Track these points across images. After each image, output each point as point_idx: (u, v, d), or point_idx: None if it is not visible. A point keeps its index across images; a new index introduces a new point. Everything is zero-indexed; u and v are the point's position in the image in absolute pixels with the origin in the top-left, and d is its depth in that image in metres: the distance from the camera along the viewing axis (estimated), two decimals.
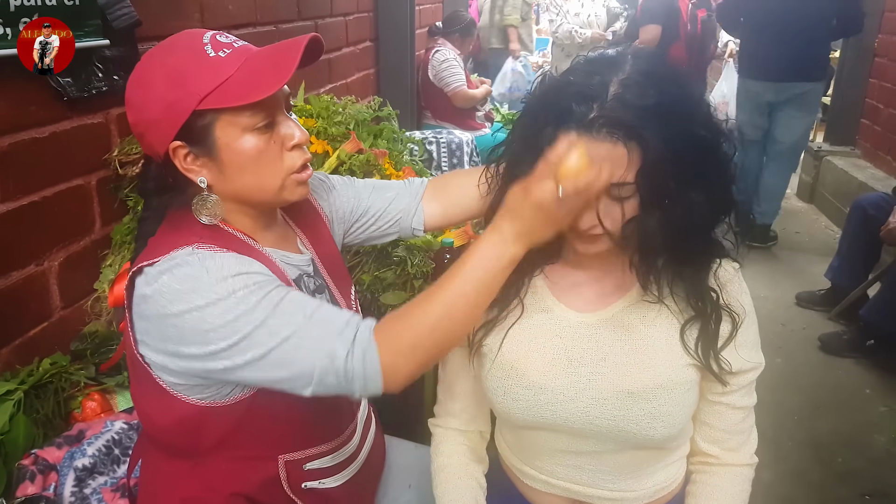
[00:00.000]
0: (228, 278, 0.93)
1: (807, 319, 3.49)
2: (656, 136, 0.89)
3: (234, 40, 1.01)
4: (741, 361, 1.05)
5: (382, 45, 3.87)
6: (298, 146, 1.04)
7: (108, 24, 1.58)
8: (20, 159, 1.44)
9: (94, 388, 1.52)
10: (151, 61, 0.99)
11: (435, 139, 3.66)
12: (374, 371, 0.93)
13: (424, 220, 1.30)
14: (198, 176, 1.00)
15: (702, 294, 1.02)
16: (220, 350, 0.92)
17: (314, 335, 0.93)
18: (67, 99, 1.53)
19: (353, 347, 0.93)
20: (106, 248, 1.72)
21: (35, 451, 1.30)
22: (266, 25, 2.50)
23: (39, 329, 1.54)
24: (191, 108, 0.95)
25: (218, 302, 0.91)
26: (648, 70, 0.93)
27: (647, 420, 1.02)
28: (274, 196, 1.04)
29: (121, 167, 1.68)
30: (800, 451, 2.53)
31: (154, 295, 0.93)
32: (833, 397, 2.87)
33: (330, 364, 0.92)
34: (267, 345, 0.91)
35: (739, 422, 1.11)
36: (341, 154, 1.97)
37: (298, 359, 0.92)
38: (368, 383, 0.93)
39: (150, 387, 1.01)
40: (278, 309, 0.93)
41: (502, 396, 1.08)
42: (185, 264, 0.93)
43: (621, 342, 1.05)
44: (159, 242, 1.00)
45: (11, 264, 1.45)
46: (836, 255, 3.50)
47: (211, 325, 0.91)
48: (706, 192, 0.94)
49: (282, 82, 0.96)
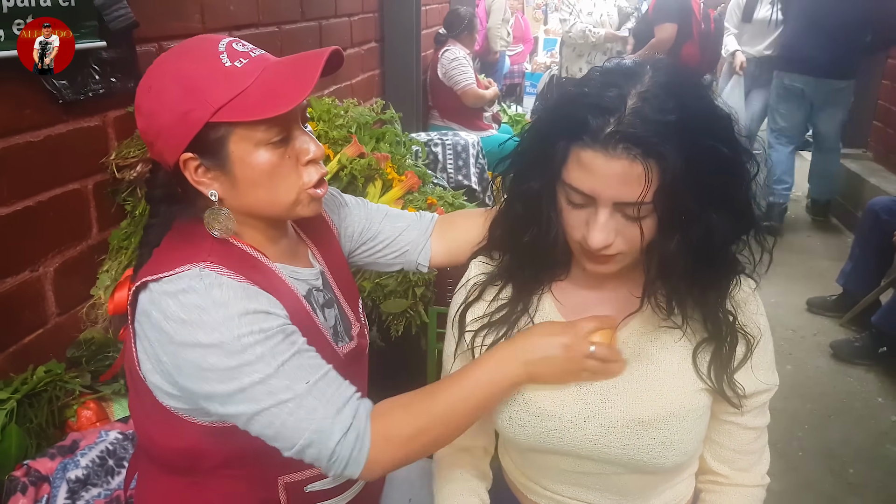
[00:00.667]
0: (235, 318, 0.89)
1: (818, 325, 3.44)
2: (677, 154, 0.83)
3: (251, 49, 0.97)
4: (756, 383, 1.01)
5: (388, 45, 3.84)
6: (314, 161, 1.00)
7: (105, 26, 1.56)
8: (14, 163, 1.41)
9: (90, 396, 1.50)
10: (164, 67, 0.95)
11: (440, 141, 3.62)
12: (359, 458, 0.92)
13: (430, 257, 1.28)
14: (209, 189, 0.97)
15: (718, 317, 0.97)
16: (215, 393, 0.89)
17: (311, 406, 0.90)
18: (63, 102, 1.50)
19: (348, 432, 0.91)
20: (103, 253, 1.69)
21: (27, 462, 1.27)
22: (269, 26, 2.47)
23: (34, 336, 1.51)
24: (204, 120, 0.91)
25: (222, 344, 0.88)
26: (669, 82, 0.87)
27: (659, 449, 0.97)
28: (286, 211, 1.01)
29: (118, 171, 1.65)
30: (810, 460, 2.48)
31: (159, 319, 0.90)
32: (844, 405, 2.82)
33: (318, 440, 0.90)
34: (262, 403, 0.89)
35: (751, 441, 1.07)
36: (342, 158, 1.94)
37: (288, 425, 0.90)
38: (349, 467, 0.92)
39: (151, 405, 0.98)
40: (283, 369, 0.90)
41: (507, 422, 1.04)
42: (191, 290, 0.90)
43: (632, 367, 1.00)
44: (165, 254, 0.97)
45: (6, 270, 1.43)
46: (847, 259, 3.44)
47: (210, 365, 0.88)
48: (727, 212, 0.89)
49: (301, 97, 0.91)
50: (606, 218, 0.88)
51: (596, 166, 0.85)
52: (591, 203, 0.89)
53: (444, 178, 3.43)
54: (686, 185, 0.84)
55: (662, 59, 0.94)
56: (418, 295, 1.76)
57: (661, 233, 0.90)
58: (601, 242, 0.89)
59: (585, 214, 0.91)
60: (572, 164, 0.89)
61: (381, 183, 1.96)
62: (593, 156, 0.85)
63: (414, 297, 1.76)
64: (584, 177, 0.87)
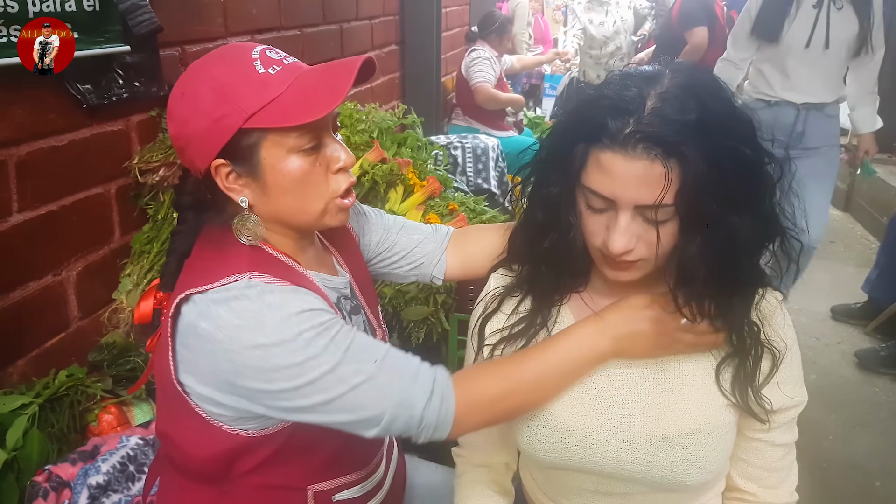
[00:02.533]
0: (293, 316, 0.89)
1: (842, 334, 3.38)
2: (698, 154, 0.81)
3: (284, 56, 0.96)
4: (783, 398, 0.98)
5: (408, 48, 3.84)
6: (344, 170, 1.00)
7: (129, 30, 1.56)
8: (38, 168, 1.42)
9: (111, 400, 1.50)
10: (197, 74, 0.95)
11: (460, 144, 3.61)
12: (447, 419, 0.93)
13: (445, 270, 1.28)
14: (240, 195, 0.96)
15: (742, 329, 0.94)
16: (283, 390, 0.88)
17: (385, 382, 0.92)
18: (87, 106, 1.51)
19: (432, 396, 0.93)
20: (125, 257, 1.69)
21: (49, 468, 1.27)
22: (290, 30, 2.46)
23: (56, 340, 1.52)
24: (237, 126, 0.90)
25: (284, 343, 0.88)
26: (688, 83, 0.86)
27: (683, 466, 0.95)
28: (315, 220, 1.00)
29: (141, 175, 1.66)
30: (835, 473, 2.43)
31: (210, 329, 0.89)
32: (870, 416, 2.76)
33: (403, 411, 0.91)
34: (336, 390, 0.89)
35: (779, 459, 1.04)
36: (364, 163, 1.93)
37: (367, 405, 0.91)
38: (438, 430, 0.94)
39: (188, 416, 0.97)
40: (348, 354, 0.90)
41: (528, 437, 1.02)
42: (242, 297, 0.89)
43: (655, 381, 0.98)
44: (202, 264, 0.96)
45: (29, 274, 1.43)
46: (873, 267, 3.38)
47: (275, 365, 0.88)
48: (750, 216, 0.87)
49: (334, 105, 0.91)
50: (627, 222, 0.86)
51: (615, 168, 0.84)
52: (611, 207, 0.88)
53: (463, 181, 3.42)
54: (707, 186, 0.82)
55: (682, 62, 0.92)
56: (439, 302, 1.75)
57: (683, 237, 0.87)
58: (622, 247, 0.87)
59: (605, 219, 0.89)
60: (592, 168, 0.87)
61: (402, 188, 1.95)
62: (612, 157, 0.84)
63: (435, 305, 1.75)
64: (604, 179, 0.86)
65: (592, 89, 0.93)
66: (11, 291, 1.39)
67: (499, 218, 2.01)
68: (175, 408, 0.98)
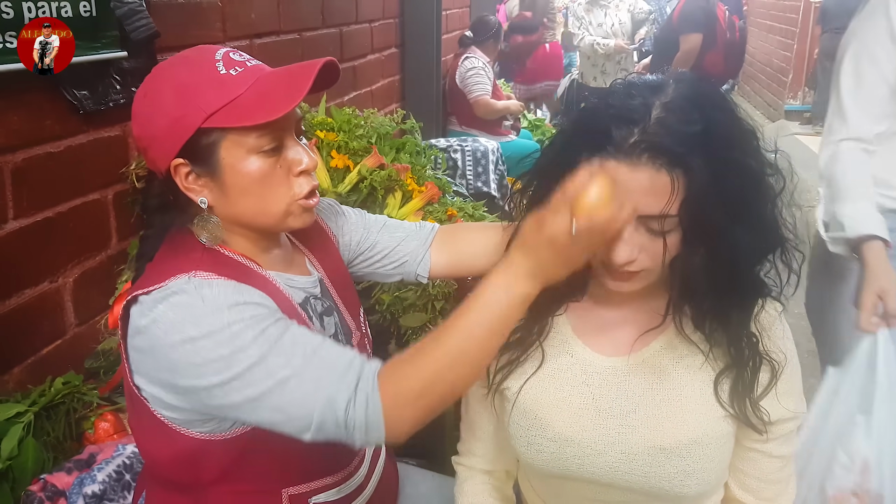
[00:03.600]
0: (224, 309, 0.88)
1: None
2: (702, 165, 0.81)
3: (247, 59, 0.97)
4: (782, 411, 0.98)
5: (408, 51, 3.83)
6: (306, 172, 1.00)
7: (126, 36, 1.55)
8: (35, 174, 1.41)
9: (108, 408, 1.49)
10: (161, 75, 0.97)
11: (460, 147, 3.61)
12: (376, 420, 0.87)
13: (430, 268, 1.25)
14: (199, 196, 0.97)
15: (741, 340, 0.94)
16: (214, 385, 0.87)
17: (313, 377, 0.88)
18: (84, 112, 1.50)
19: (356, 394, 0.87)
20: (122, 263, 1.68)
21: (44, 477, 1.26)
22: (290, 34, 2.46)
23: (53, 347, 1.51)
24: (196, 125, 0.91)
25: (212, 334, 0.87)
26: (692, 94, 0.86)
27: (680, 477, 0.95)
28: (277, 221, 1.00)
29: (138, 180, 1.65)
30: None
31: (149, 325, 0.89)
32: None
33: (329, 411, 0.87)
34: (263, 385, 0.87)
35: (776, 471, 1.03)
36: (362, 169, 1.93)
37: (296, 402, 0.87)
38: (370, 433, 0.88)
39: (148, 419, 0.97)
40: (277, 346, 0.88)
41: (526, 447, 1.02)
42: (180, 292, 0.90)
43: (653, 391, 0.98)
44: (156, 268, 0.97)
45: (25, 281, 1.42)
46: None
47: (204, 358, 0.87)
48: (753, 228, 0.87)
49: (291, 105, 0.92)
50: (630, 232, 0.86)
51: (620, 177, 0.83)
52: None
53: (463, 184, 3.42)
54: (712, 197, 0.82)
55: (686, 72, 0.92)
56: (438, 309, 1.74)
57: (686, 248, 0.87)
58: (626, 258, 0.86)
59: None
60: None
61: (401, 194, 1.94)
62: (617, 168, 0.83)
63: (433, 311, 1.74)
64: None
65: (596, 97, 0.93)
66: (7, 299, 1.38)
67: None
68: (137, 410, 0.99)
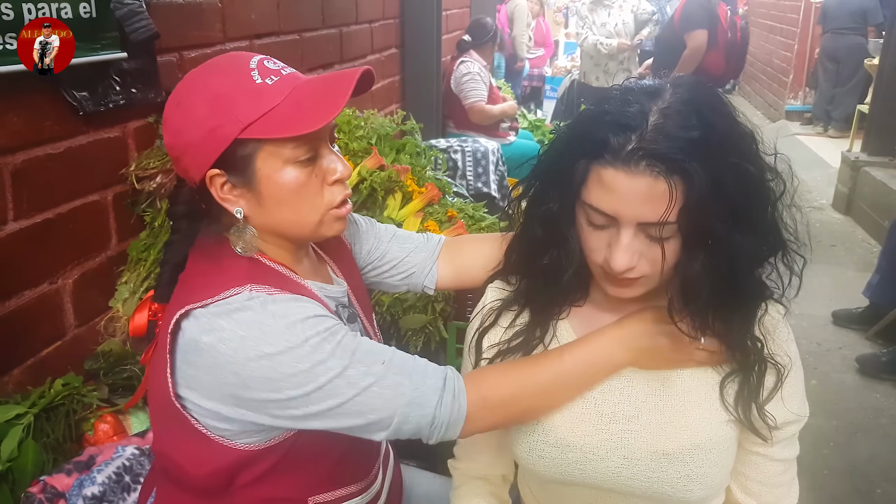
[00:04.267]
0: (297, 323, 0.89)
1: (843, 339, 3.37)
2: (701, 171, 0.80)
3: (281, 67, 0.95)
4: (786, 414, 0.97)
5: (408, 51, 3.83)
6: (340, 181, 0.99)
7: (126, 37, 1.55)
8: (34, 176, 1.41)
9: (107, 409, 1.49)
10: (194, 83, 0.94)
11: (460, 148, 3.60)
12: (459, 417, 0.93)
13: (437, 280, 1.27)
14: (234, 206, 0.95)
15: (745, 344, 0.93)
16: (292, 398, 0.88)
17: (394, 382, 0.91)
18: (83, 113, 1.50)
19: (444, 393, 0.93)
20: (122, 264, 1.68)
21: (44, 479, 1.27)
22: (290, 34, 2.45)
23: (52, 348, 1.51)
24: (233, 136, 0.90)
25: (290, 350, 0.87)
26: (690, 98, 0.85)
27: (684, 483, 0.94)
28: (312, 231, 1.00)
29: (138, 182, 1.65)
30: (836, 479, 2.42)
31: (214, 343, 0.88)
32: (871, 422, 2.75)
33: (415, 410, 0.91)
34: (346, 394, 0.89)
35: (778, 474, 1.03)
36: (362, 170, 1.93)
37: (377, 406, 0.90)
38: (450, 429, 0.94)
39: (187, 433, 0.95)
40: (356, 357, 0.90)
41: (527, 452, 1.01)
42: (245, 309, 0.89)
43: (656, 396, 0.97)
44: (200, 279, 0.95)
45: (25, 283, 1.42)
46: (875, 272, 3.37)
47: (282, 373, 0.87)
48: (753, 232, 0.86)
49: (331, 117, 0.91)
50: (630, 239, 0.85)
51: (618, 185, 0.83)
52: (613, 224, 0.87)
53: (463, 185, 3.41)
54: (711, 203, 0.81)
55: (684, 76, 0.91)
56: (438, 310, 1.74)
57: (686, 254, 0.86)
58: (625, 265, 0.86)
59: (607, 236, 0.88)
60: (593, 184, 0.86)
61: (401, 195, 1.94)
62: (615, 174, 0.83)
63: (433, 313, 1.74)
64: (606, 196, 0.85)
65: (593, 103, 0.92)
66: (7, 300, 1.38)
67: (497, 224, 2.00)
68: (172, 426, 0.97)
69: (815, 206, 5.33)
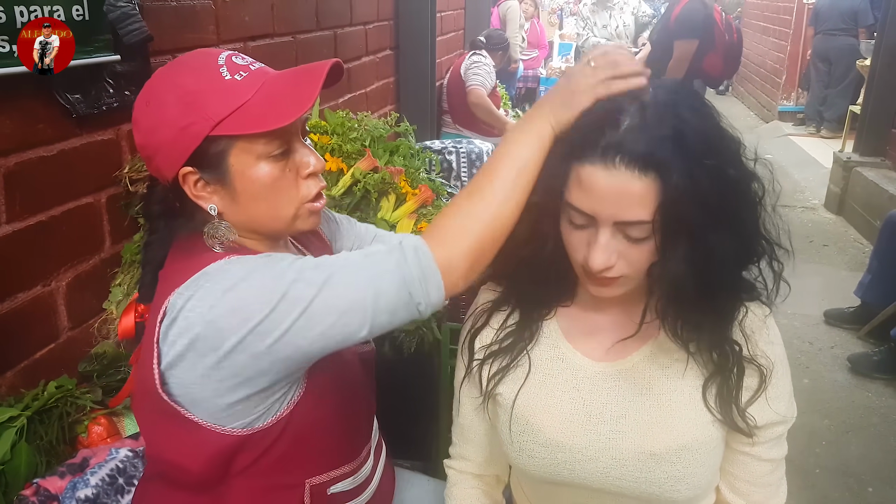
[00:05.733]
0: (261, 258, 0.91)
1: (835, 338, 3.39)
2: (677, 170, 0.81)
3: (250, 62, 0.96)
4: (771, 415, 0.98)
5: (403, 53, 3.83)
6: (314, 174, 1.00)
7: (119, 39, 1.55)
8: (27, 179, 1.41)
9: (101, 411, 1.49)
10: (163, 81, 0.95)
11: (455, 148, 3.61)
12: (430, 267, 0.88)
13: None
14: (208, 203, 0.96)
15: (723, 346, 0.94)
16: (261, 322, 0.86)
17: (352, 266, 0.89)
18: (76, 116, 1.49)
19: (404, 253, 0.88)
20: (115, 266, 1.68)
21: (37, 481, 1.26)
22: (284, 36, 2.46)
23: (46, 351, 1.51)
24: (204, 134, 0.90)
25: (256, 269, 0.88)
26: (669, 99, 0.86)
27: (671, 483, 0.95)
28: (287, 225, 1.00)
29: (131, 184, 1.65)
30: (828, 478, 2.44)
31: (185, 303, 0.88)
32: (863, 421, 2.77)
33: (382, 279, 0.87)
34: (309, 295, 0.86)
35: (766, 474, 1.03)
36: (356, 172, 1.93)
37: (344, 294, 0.87)
38: (429, 286, 0.88)
39: (178, 424, 0.95)
40: (307, 264, 0.90)
41: (518, 453, 1.02)
42: (219, 269, 0.91)
43: (642, 397, 0.98)
44: (183, 273, 0.94)
45: (18, 285, 1.42)
46: (866, 271, 3.39)
47: (247, 298, 0.87)
48: (732, 234, 0.87)
49: (302, 111, 0.91)
50: (608, 238, 0.87)
51: (595, 182, 0.84)
52: (592, 223, 0.88)
53: (458, 186, 3.42)
54: (688, 204, 0.82)
55: (665, 79, 0.92)
56: None
57: (663, 255, 0.87)
58: (602, 264, 0.87)
59: (587, 235, 0.89)
60: (573, 184, 0.88)
61: (394, 197, 1.94)
62: (592, 171, 0.84)
63: None
64: (584, 196, 0.86)
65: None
66: (0, 303, 1.38)
67: None
68: (162, 421, 0.96)
69: (807, 206, 5.36)
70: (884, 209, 3.75)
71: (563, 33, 9.75)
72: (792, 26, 8.37)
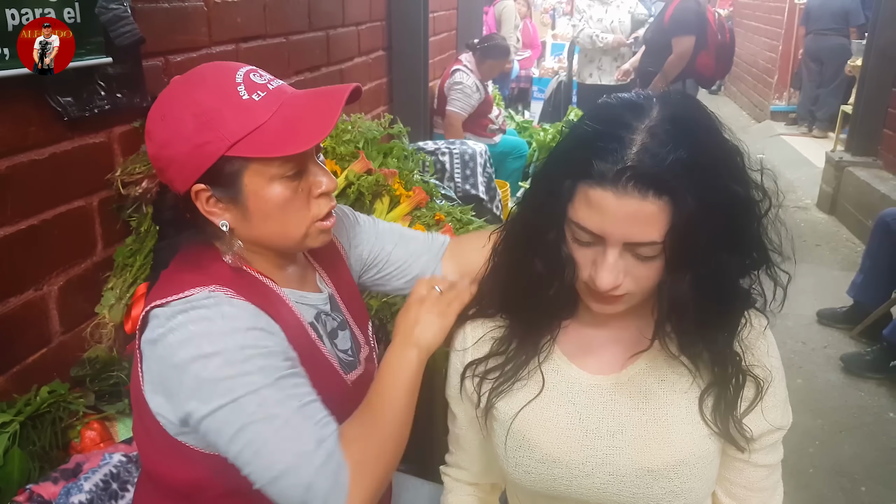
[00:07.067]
0: (241, 330, 0.89)
1: (828, 338, 3.40)
2: (690, 192, 0.79)
3: (269, 80, 0.95)
4: (766, 425, 0.97)
5: (395, 53, 3.82)
6: (325, 194, 1.00)
7: (111, 42, 1.54)
8: (19, 182, 1.40)
9: (94, 416, 1.48)
10: (179, 96, 0.94)
11: (448, 150, 3.61)
12: (341, 489, 0.88)
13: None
14: (220, 219, 0.96)
15: (725, 359, 0.93)
16: (209, 408, 0.86)
17: (297, 427, 0.88)
18: (68, 119, 1.48)
19: (328, 462, 0.87)
20: (108, 270, 1.67)
21: (30, 487, 1.26)
22: (276, 37, 2.45)
23: (38, 355, 1.50)
24: (219, 153, 0.90)
25: (223, 352, 0.87)
26: (677, 116, 0.83)
27: (669, 498, 0.95)
28: (296, 243, 1.01)
29: (123, 187, 1.63)
30: (821, 478, 2.45)
31: (165, 334, 0.89)
32: (856, 420, 2.78)
33: (297, 466, 0.86)
34: (250, 415, 0.86)
35: (762, 479, 1.03)
36: (350, 174, 1.92)
37: (271, 444, 0.87)
38: (330, 497, 0.87)
39: (157, 433, 0.95)
40: (278, 383, 0.88)
41: (514, 468, 1.01)
42: (200, 307, 0.90)
43: (639, 411, 0.97)
44: (174, 277, 0.96)
45: (9, 289, 1.41)
46: (858, 271, 3.41)
47: (209, 375, 0.87)
48: (738, 250, 0.86)
49: (320, 137, 0.92)
50: (615, 258, 0.85)
51: (605, 205, 0.82)
52: (598, 242, 0.86)
53: (451, 187, 3.41)
54: (698, 224, 0.81)
55: (669, 91, 0.90)
56: None
57: (671, 273, 0.86)
58: (610, 283, 0.85)
59: (592, 253, 0.87)
60: (579, 203, 0.85)
61: (388, 199, 1.94)
62: (602, 195, 0.82)
63: None
64: (593, 216, 0.84)
65: (579, 122, 0.90)
66: None
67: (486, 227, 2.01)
68: (146, 422, 0.97)
69: (799, 205, 5.39)
70: (876, 208, 3.76)
71: (556, 33, 9.77)
72: (783, 26, 8.40)
